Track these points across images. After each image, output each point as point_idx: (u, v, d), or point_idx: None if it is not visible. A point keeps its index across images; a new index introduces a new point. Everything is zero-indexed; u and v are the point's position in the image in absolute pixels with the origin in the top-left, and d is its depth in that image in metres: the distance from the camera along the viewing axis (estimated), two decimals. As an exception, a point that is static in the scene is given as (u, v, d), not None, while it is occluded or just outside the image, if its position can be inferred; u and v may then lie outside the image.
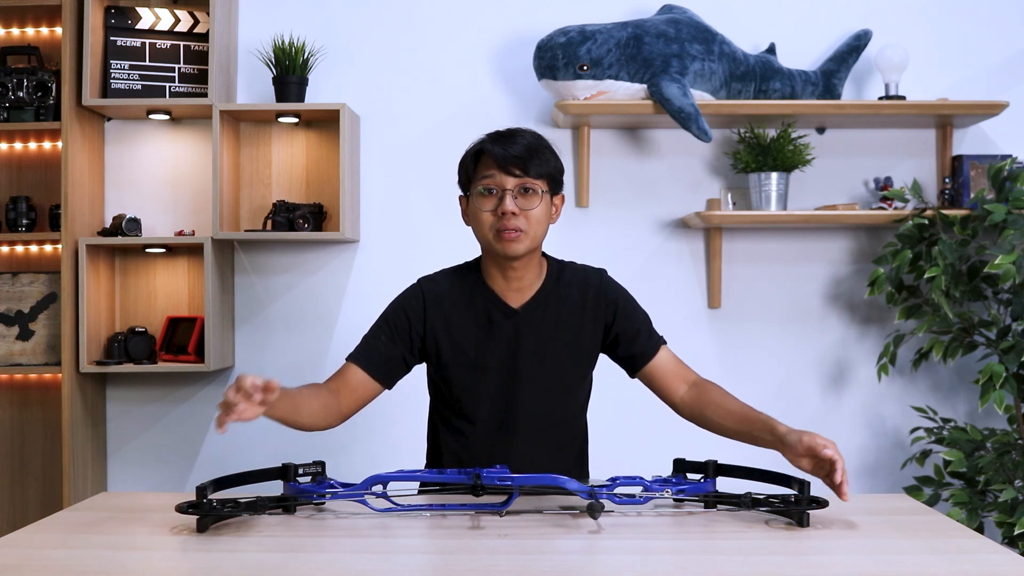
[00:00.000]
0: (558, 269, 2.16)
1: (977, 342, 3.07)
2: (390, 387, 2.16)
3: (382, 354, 2.12)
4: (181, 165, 3.38)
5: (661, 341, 2.18)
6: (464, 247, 2.40)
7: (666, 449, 2.36)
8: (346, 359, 2.15)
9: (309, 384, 2.09)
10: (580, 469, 2.24)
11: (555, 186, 2.07)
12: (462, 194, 2.11)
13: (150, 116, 3.27)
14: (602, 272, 2.20)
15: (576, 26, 3.12)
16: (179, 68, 3.27)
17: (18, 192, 3.33)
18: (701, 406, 2.14)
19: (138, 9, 3.24)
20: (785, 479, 1.89)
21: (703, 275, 3.37)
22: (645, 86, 3.12)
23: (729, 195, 3.32)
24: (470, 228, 2.11)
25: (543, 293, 2.12)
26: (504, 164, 2.00)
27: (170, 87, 3.25)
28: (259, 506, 1.83)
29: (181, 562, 1.64)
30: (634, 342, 2.15)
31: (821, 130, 3.36)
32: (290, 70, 3.20)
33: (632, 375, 2.21)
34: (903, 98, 3.20)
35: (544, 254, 2.16)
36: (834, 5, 3.36)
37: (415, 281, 2.19)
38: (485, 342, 2.10)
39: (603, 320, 2.15)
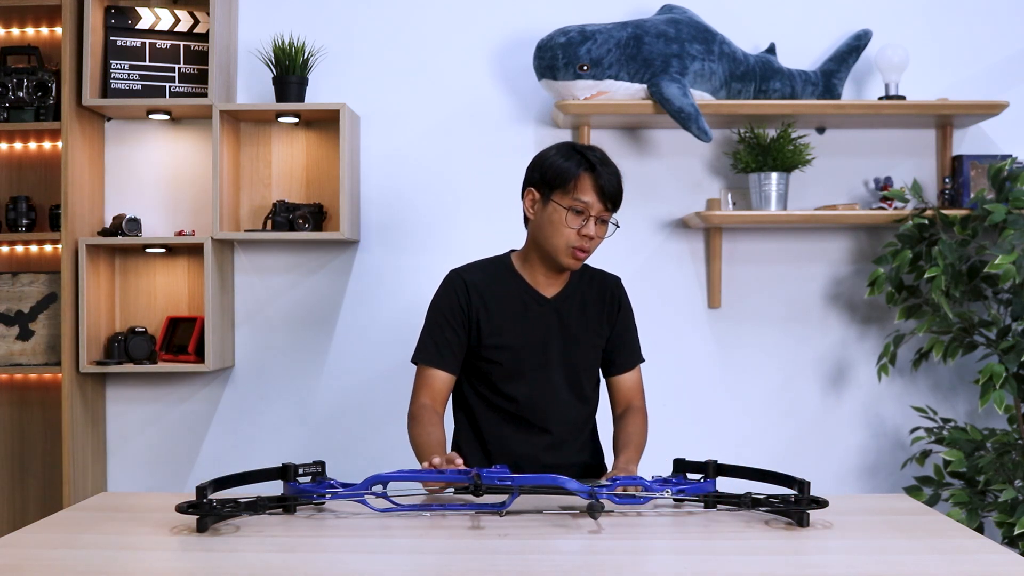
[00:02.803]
0: (580, 269, 2.37)
1: (977, 342, 3.07)
2: (458, 374, 2.33)
3: (453, 348, 2.27)
4: (181, 165, 3.38)
5: (638, 361, 2.41)
6: (464, 247, 2.40)
7: (666, 449, 2.36)
8: (419, 363, 2.28)
9: (427, 419, 2.21)
10: (593, 444, 2.43)
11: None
12: (533, 190, 2.25)
13: (150, 116, 3.27)
14: (618, 280, 2.43)
15: (576, 26, 3.11)
16: (179, 68, 3.27)
17: (18, 192, 3.33)
18: (615, 428, 2.36)
19: (138, 9, 3.24)
20: (785, 479, 1.89)
21: (703, 275, 3.37)
22: (645, 86, 3.12)
23: (729, 195, 3.32)
24: (533, 222, 2.26)
25: (571, 287, 2.34)
26: (603, 195, 2.20)
27: (170, 87, 3.25)
28: (259, 506, 1.83)
29: (181, 562, 1.64)
30: (616, 351, 2.37)
31: (821, 130, 3.36)
32: (290, 70, 3.20)
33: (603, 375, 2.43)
34: (903, 98, 3.20)
35: None
36: (834, 5, 3.36)
37: (448, 273, 2.34)
38: (521, 326, 2.28)
39: (611, 319, 2.36)
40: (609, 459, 2.44)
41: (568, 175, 2.19)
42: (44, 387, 3.34)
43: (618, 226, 2.27)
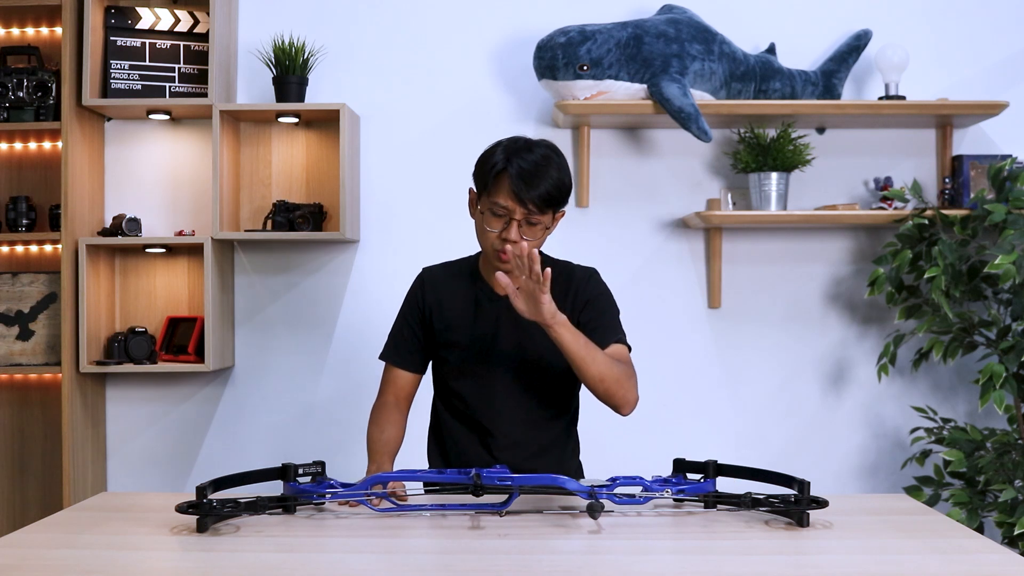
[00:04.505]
0: (548, 265, 2.17)
1: (977, 342, 3.07)
2: (424, 372, 2.32)
3: (412, 347, 2.27)
4: (181, 165, 3.38)
5: (612, 340, 2.16)
6: (464, 247, 2.40)
7: (666, 449, 2.36)
8: (385, 362, 2.30)
9: (385, 419, 2.24)
10: (566, 444, 2.29)
11: (560, 208, 2.12)
12: (473, 188, 2.18)
13: (150, 116, 3.27)
14: (591, 271, 2.26)
15: (576, 26, 3.11)
16: (179, 68, 3.27)
17: (18, 192, 3.33)
18: None
19: (138, 9, 3.24)
20: (785, 479, 1.89)
21: (703, 275, 3.37)
22: (645, 86, 3.12)
23: (729, 195, 3.32)
24: (473, 220, 2.20)
25: None
26: (521, 199, 2.04)
27: (170, 87, 3.25)
28: (259, 506, 1.83)
29: (181, 562, 1.64)
30: (587, 336, 2.10)
31: (821, 130, 3.36)
32: (290, 70, 3.20)
33: None
34: (903, 98, 3.20)
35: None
36: (834, 5, 3.36)
37: (420, 271, 2.34)
38: (470, 324, 2.22)
39: (576, 312, 2.18)
40: (588, 469, 2.38)
41: (485, 174, 2.09)
42: (44, 387, 3.34)
43: (556, 211, 2.10)
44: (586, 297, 2.20)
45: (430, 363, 2.32)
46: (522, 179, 2.03)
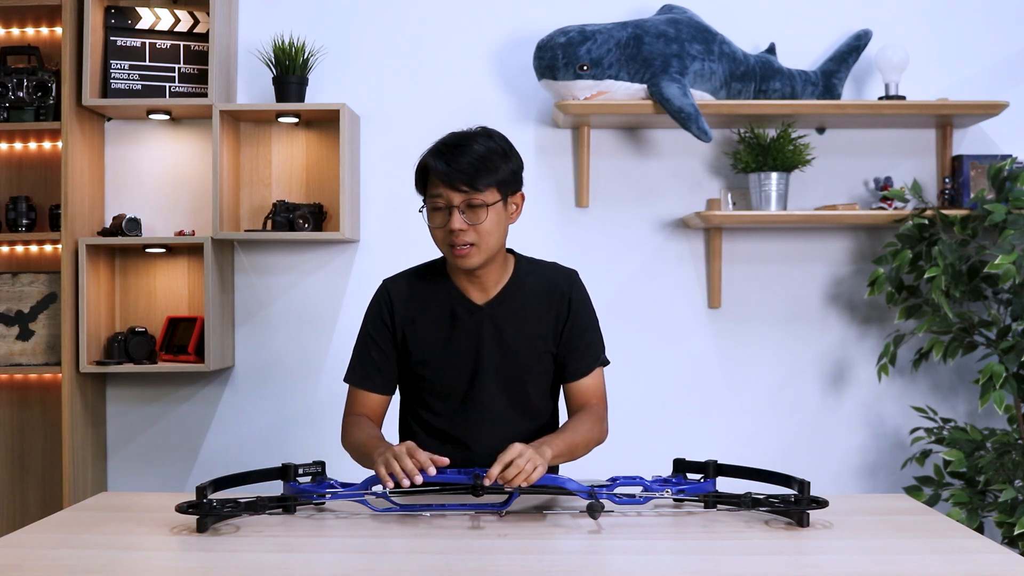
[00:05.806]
0: (525, 267, 2.17)
1: (977, 342, 3.07)
2: (395, 391, 2.22)
3: (379, 369, 2.16)
4: (181, 165, 3.38)
5: (594, 365, 2.15)
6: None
7: (666, 449, 2.36)
8: (349, 384, 2.19)
9: (364, 424, 2.13)
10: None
11: (510, 189, 2.05)
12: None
13: (150, 116, 3.27)
14: (572, 274, 2.19)
15: (576, 26, 3.12)
16: (179, 68, 3.27)
17: (18, 192, 3.33)
18: None
19: (138, 9, 3.24)
20: (785, 479, 1.89)
21: (703, 275, 3.37)
22: (645, 86, 3.12)
23: (729, 195, 3.32)
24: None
25: (508, 290, 2.13)
26: (449, 180, 1.99)
27: (170, 87, 3.25)
28: (259, 506, 1.83)
29: (181, 562, 1.64)
30: (568, 356, 2.15)
31: (821, 130, 3.36)
32: (290, 70, 3.20)
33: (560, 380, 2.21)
34: (903, 98, 3.20)
35: (511, 251, 2.18)
36: (834, 5, 3.36)
37: (380, 284, 2.21)
38: (449, 339, 2.12)
39: (560, 319, 2.14)
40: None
41: (419, 172, 2.07)
42: (44, 387, 3.34)
43: (509, 194, 2.03)
44: (569, 306, 2.13)
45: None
46: (442, 158, 2.00)
